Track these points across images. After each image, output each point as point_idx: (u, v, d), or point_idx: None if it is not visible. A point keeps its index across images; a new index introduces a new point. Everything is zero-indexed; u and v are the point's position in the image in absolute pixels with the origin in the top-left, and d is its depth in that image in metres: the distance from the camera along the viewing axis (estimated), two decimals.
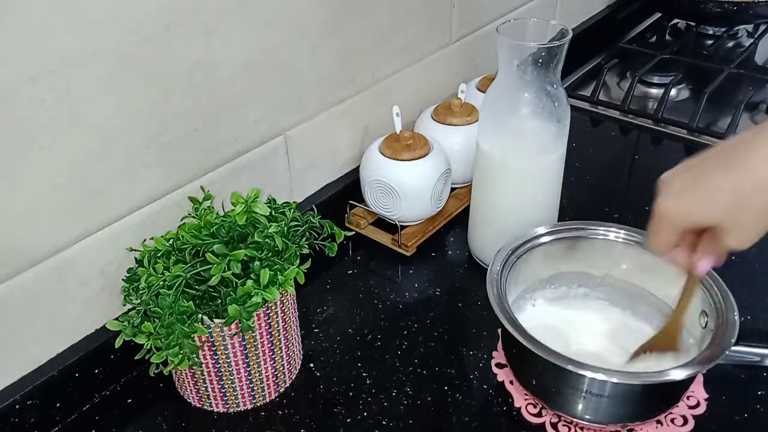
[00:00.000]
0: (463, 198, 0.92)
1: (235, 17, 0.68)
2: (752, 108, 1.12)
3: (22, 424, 0.63)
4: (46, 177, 0.59)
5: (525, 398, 0.67)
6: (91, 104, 0.60)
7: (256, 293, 0.59)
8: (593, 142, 1.08)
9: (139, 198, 0.67)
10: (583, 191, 0.96)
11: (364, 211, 0.90)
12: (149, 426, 0.66)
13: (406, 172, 0.83)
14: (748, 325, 0.61)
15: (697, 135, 1.07)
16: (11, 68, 0.53)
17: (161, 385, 0.69)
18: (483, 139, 0.76)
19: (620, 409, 0.61)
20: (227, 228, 0.62)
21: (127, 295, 0.61)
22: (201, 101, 0.69)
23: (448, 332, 0.75)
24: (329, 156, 0.88)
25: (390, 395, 0.68)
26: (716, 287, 0.64)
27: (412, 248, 0.86)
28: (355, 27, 0.83)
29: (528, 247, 0.70)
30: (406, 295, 0.80)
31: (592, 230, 0.72)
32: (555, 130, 0.74)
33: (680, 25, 1.42)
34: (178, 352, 0.57)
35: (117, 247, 0.67)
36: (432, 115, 0.93)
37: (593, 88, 1.17)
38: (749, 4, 1.23)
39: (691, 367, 0.57)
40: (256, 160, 0.77)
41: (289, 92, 0.78)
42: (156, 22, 0.62)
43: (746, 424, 0.65)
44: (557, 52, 0.69)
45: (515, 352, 0.65)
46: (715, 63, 1.21)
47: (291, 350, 0.68)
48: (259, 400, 0.67)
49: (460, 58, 1.03)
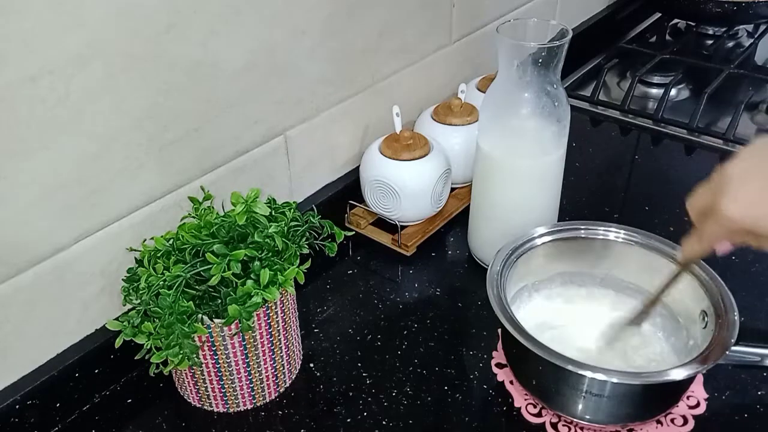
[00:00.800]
0: (463, 198, 0.92)
1: (235, 17, 0.68)
2: (752, 108, 1.12)
3: (22, 424, 0.63)
4: (46, 177, 0.59)
5: (525, 398, 0.67)
6: (91, 104, 0.60)
7: (256, 293, 0.59)
8: (593, 142, 1.08)
9: (139, 198, 0.67)
10: (583, 191, 0.96)
11: (364, 211, 0.90)
12: (149, 426, 0.66)
13: (406, 172, 0.83)
14: (748, 325, 0.61)
15: (697, 135, 1.07)
16: (11, 68, 0.53)
17: (161, 385, 0.69)
18: (483, 139, 0.76)
19: (620, 409, 0.61)
20: (227, 228, 0.62)
21: (127, 295, 0.61)
22: (201, 101, 0.69)
23: (448, 332, 0.75)
24: (329, 156, 0.88)
25: (390, 395, 0.68)
26: (716, 287, 0.64)
27: (412, 248, 0.86)
28: (355, 27, 0.83)
29: (528, 247, 0.70)
30: (406, 295, 0.80)
31: (592, 230, 0.72)
32: (555, 130, 0.74)
33: (680, 25, 1.42)
34: (178, 352, 0.57)
35: (117, 247, 0.67)
36: (432, 115, 0.93)
37: (593, 88, 1.17)
38: (749, 4, 1.23)
39: (691, 367, 0.57)
40: (256, 160, 0.77)
41: (289, 92, 0.78)
42: (156, 22, 0.62)
43: (746, 424, 0.65)
44: (557, 52, 0.69)
45: (515, 352, 0.65)
46: (715, 63, 1.21)
47: (291, 350, 0.68)
48: (259, 400, 0.67)
49: (460, 58, 1.03)
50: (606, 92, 1.20)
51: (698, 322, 0.65)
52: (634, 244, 0.71)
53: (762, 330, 0.74)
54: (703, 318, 0.64)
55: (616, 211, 0.91)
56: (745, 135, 1.05)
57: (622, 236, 0.71)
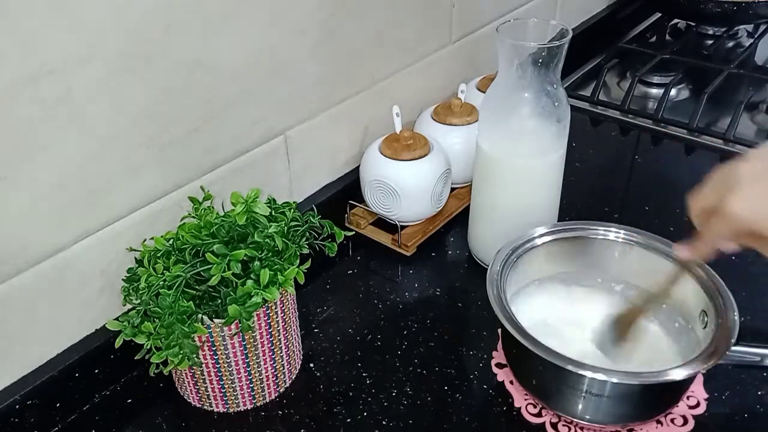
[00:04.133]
0: (463, 198, 0.92)
1: (235, 17, 0.68)
2: (752, 108, 1.12)
3: (22, 424, 0.63)
4: (46, 177, 0.59)
5: (525, 398, 0.67)
6: (91, 104, 0.60)
7: (256, 293, 0.59)
8: (593, 142, 1.08)
9: (139, 198, 0.67)
10: (583, 191, 0.95)
11: (364, 211, 0.90)
12: (149, 426, 0.66)
13: (406, 172, 0.83)
14: (748, 325, 0.61)
15: (697, 135, 1.07)
16: (11, 68, 0.53)
17: (161, 385, 0.69)
18: (483, 139, 0.76)
19: (620, 409, 0.61)
20: (227, 228, 0.62)
21: (127, 295, 0.61)
22: (201, 101, 0.69)
23: (448, 332, 0.75)
24: (329, 156, 0.88)
25: (390, 395, 0.68)
26: (716, 287, 0.64)
27: (412, 248, 0.86)
28: (356, 27, 0.83)
29: (528, 247, 0.70)
30: (406, 295, 0.80)
31: (592, 230, 0.72)
32: (555, 130, 0.74)
33: (680, 25, 1.41)
34: (178, 352, 0.57)
35: (117, 247, 0.67)
36: (432, 115, 0.93)
37: (593, 88, 1.17)
38: (749, 4, 1.23)
39: (691, 367, 0.57)
40: (256, 160, 0.77)
41: (289, 92, 0.78)
42: (156, 22, 0.62)
43: (746, 424, 0.65)
44: (557, 52, 0.69)
45: (515, 352, 0.65)
46: (715, 63, 1.21)
47: (291, 350, 0.68)
48: (259, 400, 0.67)
49: (460, 58, 1.03)
50: (606, 92, 1.20)
51: (698, 322, 0.65)
52: (634, 244, 0.71)
53: (762, 330, 0.74)
54: (703, 318, 0.64)
55: (616, 211, 0.91)
56: (745, 135, 1.05)
57: (622, 236, 0.71)
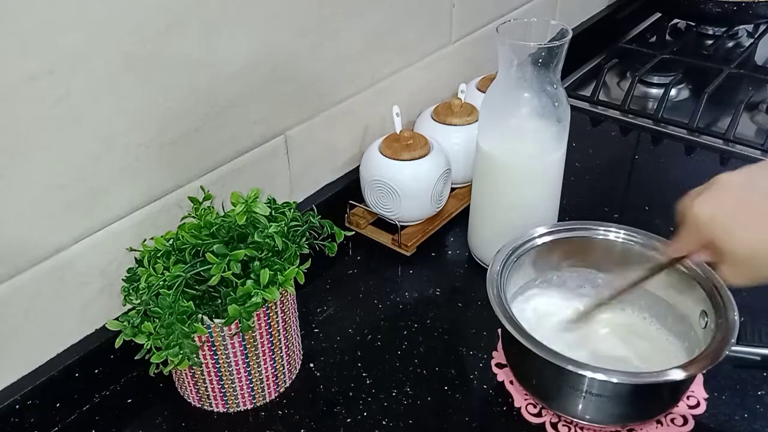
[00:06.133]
0: (463, 198, 0.92)
1: (235, 17, 0.68)
2: (752, 108, 1.12)
3: (22, 424, 0.63)
4: (46, 177, 0.59)
5: (525, 398, 0.67)
6: (91, 104, 0.60)
7: (256, 293, 0.59)
8: (593, 142, 1.08)
9: (139, 198, 0.67)
10: (583, 191, 0.96)
11: (364, 211, 0.90)
12: (149, 426, 0.66)
13: (406, 172, 0.83)
14: (748, 325, 0.61)
15: (697, 135, 1.07)
16: (11, 68, 0.53)
17: (161, 385, 0.69)
18: (483, 139, 0.76)
19: (620, 409, 0.61)
20: (227, 228, 0.62)
21: (127, 295, 0.61)
22: (201, 101, 0.69)
23: (448, 332, 0.75)
24: (329, 156, 0.88)
25: (390, 395, 0.68)
26: (716, 287, 0.64)
27: (412, 248, 0.86)
28: (355, 27, 0.83)
29: (528, 247, 0.70)
30: (406, 295, 0.80)
31: (592, 230, 0.72)
32: (555, 130, 0.74)
33: (680, 25, 1.42)
34: (178, 352, 0.57)
35: (117, 247, 0.67)
36: (432, 115, 0.93)
37: (593, 88, 1.17)
38: (749, 4, 1.23)
39: (691, 367, 0.57)
40: (256, 160, 0.77)
41: (289, 92, 0.78)
42: (156, 22, 0.62)
43: (746, 424, 0.65)
44: (557, 52, 0.69)
45: (515, 352, 0.65)
46: (715, 63, 1.21)
47: (291, 350, 0.68)
48: (259, 400, 0.67)
49: (460, 58, 1.03)
50: (606, 92, 1.20)
51: (698, 322, 0.65)
52: (634, 244, 0.71)
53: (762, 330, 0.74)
54: (703, 318, 0.64)
55: (616, 211, 0.91)
56: (745, 135, 1.05)
57: (622, 236, 0.71)
